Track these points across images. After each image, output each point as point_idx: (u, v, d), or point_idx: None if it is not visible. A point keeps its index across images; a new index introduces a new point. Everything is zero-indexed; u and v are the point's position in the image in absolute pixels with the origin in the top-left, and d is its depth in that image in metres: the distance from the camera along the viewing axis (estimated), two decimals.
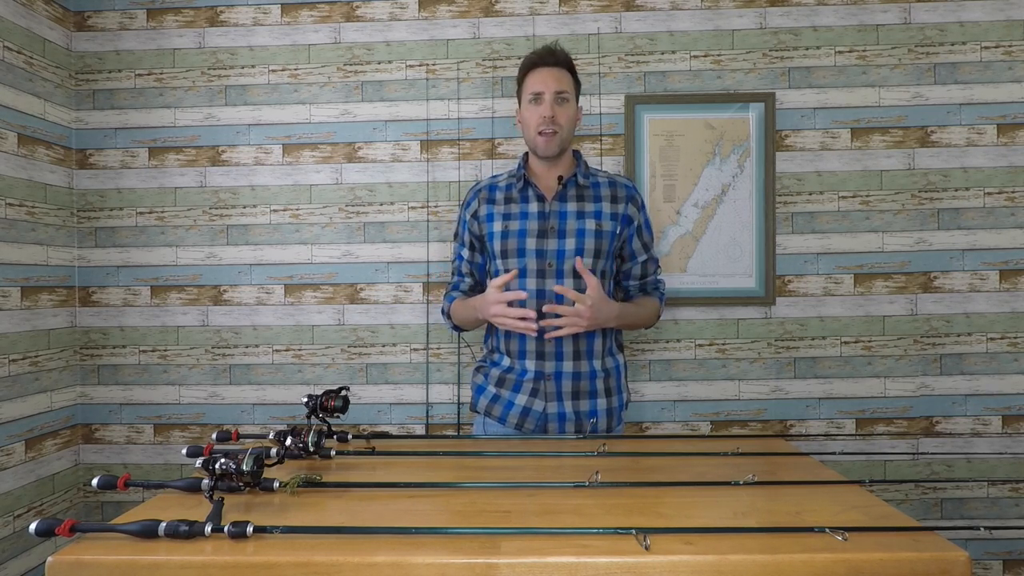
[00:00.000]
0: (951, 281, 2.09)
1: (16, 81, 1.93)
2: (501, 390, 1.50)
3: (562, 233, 1.45)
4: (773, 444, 1.28)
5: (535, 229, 1.46)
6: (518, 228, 1.47)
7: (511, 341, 1.49)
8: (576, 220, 1.46)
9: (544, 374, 1.46)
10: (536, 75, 1.45)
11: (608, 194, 1.51)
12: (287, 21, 2.15)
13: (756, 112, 2.08)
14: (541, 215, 1.47)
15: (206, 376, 2.18)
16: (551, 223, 1.46)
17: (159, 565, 0.75)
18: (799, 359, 2.11)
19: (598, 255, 1.46)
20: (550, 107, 1.43)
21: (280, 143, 2.17)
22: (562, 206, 1.47)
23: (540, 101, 1.44)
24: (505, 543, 0.76)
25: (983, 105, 2.07)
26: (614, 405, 1.51)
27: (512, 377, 1.49)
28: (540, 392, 1.46)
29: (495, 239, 1.49)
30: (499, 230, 1.48)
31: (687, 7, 2.11)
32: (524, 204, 1.49)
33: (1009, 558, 2.07)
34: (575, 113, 1.49)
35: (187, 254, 2.18)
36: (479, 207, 1.54)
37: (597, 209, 1.48)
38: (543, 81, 1.44)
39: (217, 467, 0.89)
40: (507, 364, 1.51)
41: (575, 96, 1.49)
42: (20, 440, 1.93)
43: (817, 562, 0.73)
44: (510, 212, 1.49)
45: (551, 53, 1.47)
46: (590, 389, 1.47)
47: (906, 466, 2.09)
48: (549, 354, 1.45)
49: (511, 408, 1.47)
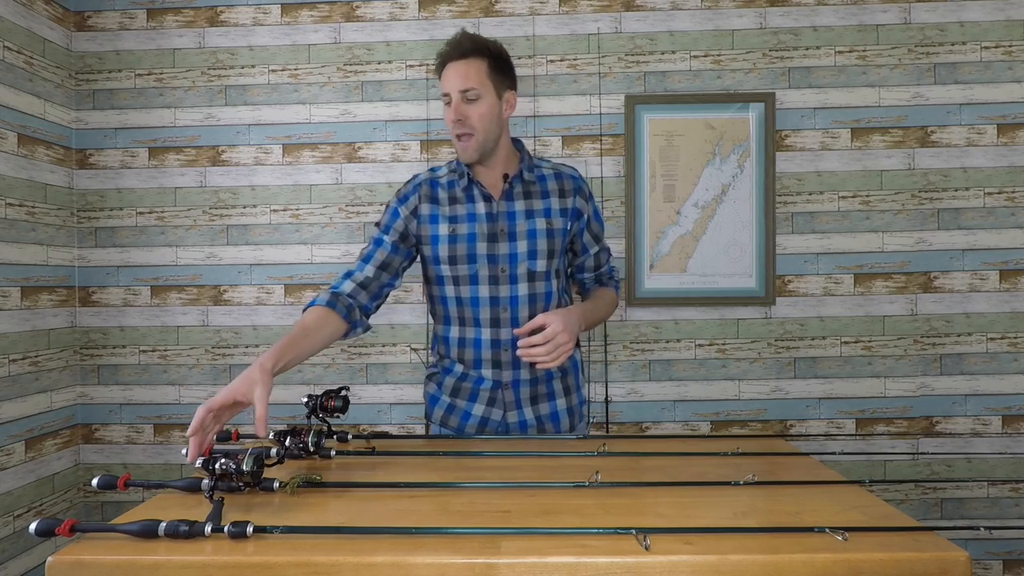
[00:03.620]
0: (951, 281, 2.09)
1: (16, 81, 1.93)
2: (456, 400, 1.42)
3: (512, 236, 1.37)
4: (773, 444, 1.28)
5: (484, 232, 1.36)
6: (466, 232, 1.36)
7: (464, 350, 1.40)
8: (526, 220, 1.37)
9: (502, 383, 1.39)
10: (445, 73, 1.32)
11: (555, 188, 1.42)
12: (287, 21, 2.15)
13: (756, 112, 2.08)
14: (489, 216, 1.37)
15: (206, 376, 2.18)
16: (500, 225, 1.37)
17: (159, 565, 0.75)
18: (799, 359, 2.11)
19: (551, 255, 1.39)
20: (455, 109, 1.30)
21: (280, 143, 2.17)
22: (510, 206, 1.38)
23: (450, 102, 1.31)
24: (505, 543, 0.76)
25: (983, 105, 2.07)
26: (574, 403, 1.46)
27: (468, 386, 1.41)
28: (498, 401, 1.39)
29: (440, 243, 1.37)
30: (445, 234, 1.37)
31: (687, 7, 2.11)
32: (470, 204, 1.38)
33: (1009, 558, 2.07)
34: (492, 107, 1.32)
35: (187, 254, 2.18)
36: (420, 205, 1.39)
37: (546, 206, 1.40)
38: (448, 80, 1.31)
39: (217, 467, 0.89)
40: (460, 371, 1.42)
41: (494, 86, 1.32)
42: (20, 440, 1.93)
43: (817, 562, 0.73)
44: (456, 214, 1.37)
45: (456, 45, 1.31)
46: (548, 391, 1.42)
47: (906, 466, 2.09)
48: (506, 363, 1.38)
49: (468, 419, 1.41)
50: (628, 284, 2.10)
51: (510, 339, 1.36)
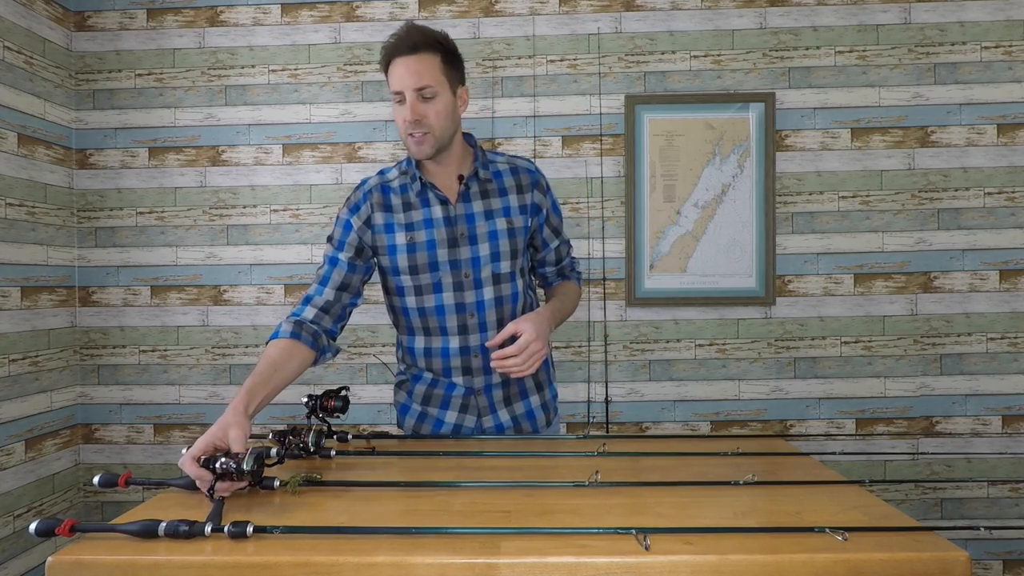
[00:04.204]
0: (951, 281, 2.09)
1: (16, 81, 1.93)
2: (428, 408, 1.38)
3: (473, 239, 1.32)
4: (773, 444, 1.28)
5: (444, 238, 1.31)
6: (425, 239, 1.31)
7: (432, 360, 1.36)
8: (486, 222, 1.33)
9: (474, 389, 1.35)
10: (394, 69, 1.24)
11: (512, 184, 1.37)
12: (287, 21, 2.15)
13: (756, 112, 2.08)
14: (447, 221, 1.31)
15: (206, 376, 2.18)
16: (460, 229, 1.32)
17: (159, 565, 0.75)
18: (799, 359, 2.11)
19: (514, 255, 1.35)
20: (412, 109, 1.22)
21: (280, 143, 2.17)
22: (468, 207, 1.33)
23: (403, 101, 1.24)
24: (505, 543, 0.76)
25: (983, 105, 2.07)
26: (547, 399, 1.44)
27: (439, 392, 1.37)
28: (471, 407, 1.36)
29: (398, 253, 1.31)
30: (403, 243, 1.31)
31: (687, 7, 2.11)
32: (426, 209, 1.32)
33: (1009, 558, 2.07)
34: (449, 104, 1.26)
35: (187, 254, 2.17)
36: (373, 214, 1.32)
37: (505, 205, 1.35)
38: (400, 78, 1.23)
39: (218, 466, 0.89)
40: (430, 379, 1.38)
41: (449, 81, 1.26)
42: (20, 440, 1.93)
43: (817, 562, 0.73)
44: (412, 221, 1.31)
45: (405, 38, 1.23)
46: (520, 389, 1.39)
47: (906, 466, 2.09)
48: (477, 369, 1.34)
49: (441, 427, 1.37)
50: (628, 284, 2.10)
51: (480, 345, 1.33)
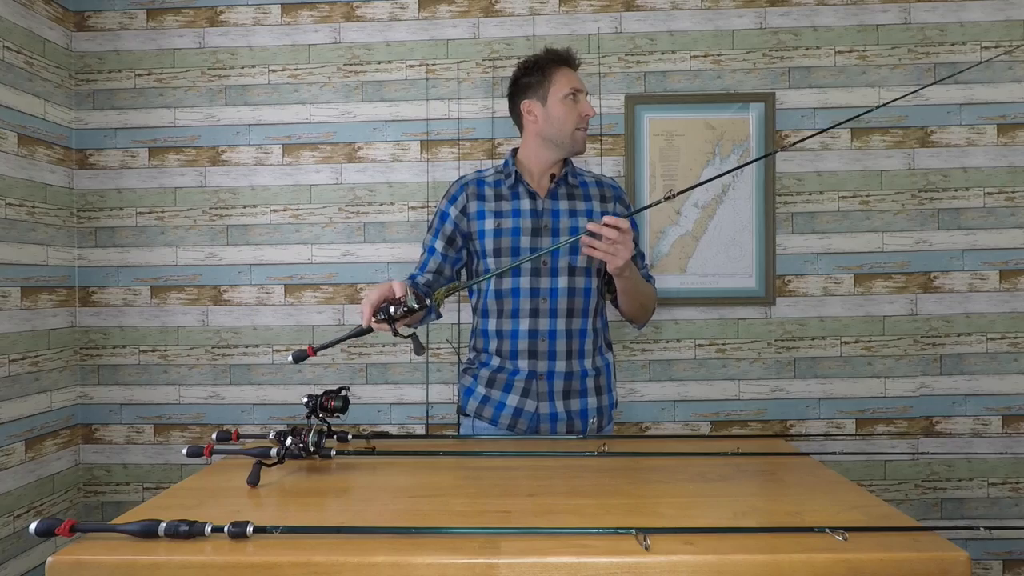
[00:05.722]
0: (951, 281, 2.09)
1: (16, 81, 1.93)
2: (491, 391, 1.48)
3: (556, 231, 1.45)
4: (773, 444, 1.28)
5: (529, 227, 1.45)
6: (511, 226, 1.45)
7: (503, 341, 1.47)
8: (569, 218, 1.46)
9: (537, 373, 1.45)
10: (567, 73, 1.46)
11: (596, 193, 1.52)
12: (287, 21, 2.15)
13: (756, 112, 2.08)
14: (534, 213, 1.46)
15: (206, 376, 2.18)
16: (544, 221, 1.45)
17: (159, 565, 0.75)
18: (799, 359, 2.11)
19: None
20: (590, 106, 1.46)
21: (280, 143, 2.17)
22: (554, 204, 1.47)
23: (579, 99, 1.45)
24: (505, 543, 0.76)
25: (983, 105, 2.07)
26: (604, 404, 1.51)
27: (503, 377, 1.47)
28: (532, 392, 1.44)
29: (486, 237, 1.46)
30: (491, 228, 1.46)
31: (687, 7, 2.11)
32: (516, 201, 1.47)
33: (1009, 558, 2.07)
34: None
35: (187, 254, 2.18)
36: (468, 203, 1.49)
37: (588, 207, 1.49)
38: (579, 81, 1.47)
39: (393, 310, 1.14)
40: (497, 364, 1.49)
41: None
42: (20, 440, 1.93)
43: (817, 562, 0.73)
44: (502, 210, 1.47)
45: (569, 55, 1.49)
46: (580, 388, 1.47)
47: (906, 466, 2.09)
48: (542, 353, 1.44)
49: (502, 409, 1.46)
50: None
51: (548, 330, 1.44)
